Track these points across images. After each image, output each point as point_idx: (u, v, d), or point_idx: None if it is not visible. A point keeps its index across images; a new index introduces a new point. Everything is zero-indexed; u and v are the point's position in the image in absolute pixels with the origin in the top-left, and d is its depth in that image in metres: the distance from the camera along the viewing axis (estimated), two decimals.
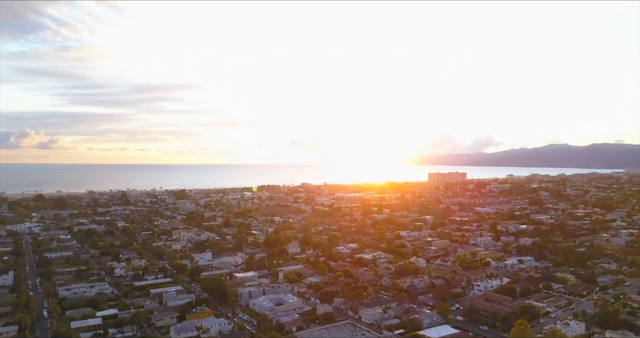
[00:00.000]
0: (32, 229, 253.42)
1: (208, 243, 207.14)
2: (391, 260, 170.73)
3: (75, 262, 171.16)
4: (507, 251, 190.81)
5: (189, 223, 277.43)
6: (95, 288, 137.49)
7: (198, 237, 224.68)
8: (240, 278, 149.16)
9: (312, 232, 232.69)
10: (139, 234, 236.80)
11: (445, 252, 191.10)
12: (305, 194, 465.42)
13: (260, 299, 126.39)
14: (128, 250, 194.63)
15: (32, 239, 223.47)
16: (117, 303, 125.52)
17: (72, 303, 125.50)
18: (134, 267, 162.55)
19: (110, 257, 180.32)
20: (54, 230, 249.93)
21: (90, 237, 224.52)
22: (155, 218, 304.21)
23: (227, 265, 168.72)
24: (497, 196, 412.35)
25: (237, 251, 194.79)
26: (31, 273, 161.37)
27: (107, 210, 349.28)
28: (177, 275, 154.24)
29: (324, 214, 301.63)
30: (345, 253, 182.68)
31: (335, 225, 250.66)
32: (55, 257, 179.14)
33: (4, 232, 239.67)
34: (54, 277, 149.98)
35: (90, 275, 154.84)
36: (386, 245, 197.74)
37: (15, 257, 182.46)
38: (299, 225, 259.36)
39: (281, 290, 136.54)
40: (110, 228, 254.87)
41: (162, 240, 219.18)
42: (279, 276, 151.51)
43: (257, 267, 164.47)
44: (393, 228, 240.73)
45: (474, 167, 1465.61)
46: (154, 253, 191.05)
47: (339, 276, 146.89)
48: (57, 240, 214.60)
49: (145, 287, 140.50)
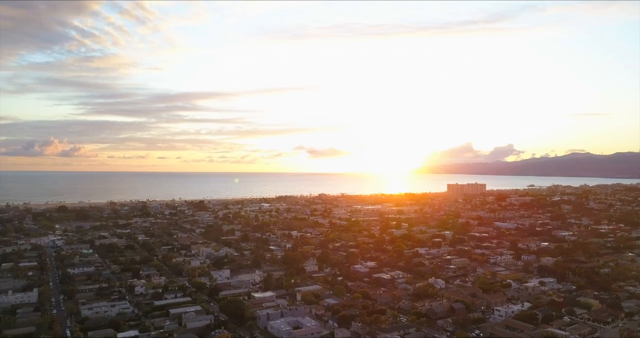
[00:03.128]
0: (56, 242, 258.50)
1: (226, 260, 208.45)
2: (409, 281, 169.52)
3: (97, 279, 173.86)
4: (528, 271, 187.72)
5: (208, 238, 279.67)
6: (117, 308, 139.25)
7: (216, 252, 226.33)
8: (258, 298, 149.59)
9: (330, 248, 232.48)
10: (159, 249, 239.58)
11: (465, 271, 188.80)
12: (322, 206, 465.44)
13: (279, 322, 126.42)
14: (148, 266, 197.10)
15: (56, 253, 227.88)
16: (138, 324, 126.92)
17: (94, 323, 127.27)
18: (154, 285, 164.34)
19: (131, 274, 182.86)
20: (77, 244, 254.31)
21: (112, 251, 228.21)
22: (174, 231, 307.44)
23: (245, 284, 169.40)
24: (517, 209, 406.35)
25: (255, 268, 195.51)
26: (55, 290, 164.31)
27: (127, 222, 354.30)
28: (196, 294, 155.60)
29: (342, 229, 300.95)
30: (363, 273, 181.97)
31: (353, 241, 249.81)
32: (78, 273, 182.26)
33: (29, 246, 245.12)
34: (76, 295, 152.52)
35: (111, 293, 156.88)
36: (404, 263, 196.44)
37: (39, 272, 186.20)
38: (316, 240, 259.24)
39: (299, 312, 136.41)
40: (131, 242, 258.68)
41: (182, 256, 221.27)
42: (297, 297, 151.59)
43: (275, 286, 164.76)
44: (412, 244, 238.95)
45: (494, 177, 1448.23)
46: (173, 270, 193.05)
47: (356, 298, 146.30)
48: (80, 255, 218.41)
49: (165, 306, 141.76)
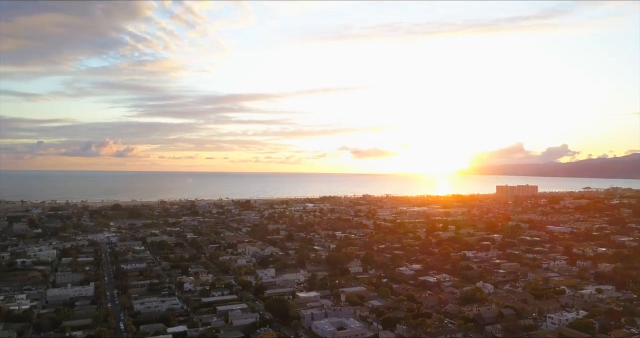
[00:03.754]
0: (110, 239, 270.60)
1: (272, 259, 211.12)
2: (456, 284, 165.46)
3: (148, 275, 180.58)
4: (584, 278, 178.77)
5: (253, 237, 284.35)
6: (167, 303, 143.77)
7: (262, 251, 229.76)
8: (302, 298, 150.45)
9: (375, 249, 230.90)
10: (207, 247, 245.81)
11: (515, 276, 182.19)
12: (366, 207, 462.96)
13: (323, 322, 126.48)
14: (196, 263, 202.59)
15: (110, 249, 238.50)
16: (186, 320, 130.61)
17: (146, 317, 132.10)
18: (202, 282, 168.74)
19: (180, 271, 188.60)
20: (130, 240, 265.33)
21: (162, 249, 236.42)
22: (221, 230, 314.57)
23: (289, 283, 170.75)
24: (572, 213, 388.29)
25: (300, 268, 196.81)
26: (109, 284, 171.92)
27: (177, 220, 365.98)
28: (242, 292, 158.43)
29: (387, 230, 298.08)
30: (408, 275, 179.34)
31: (398, 243, 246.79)
32: (130, 269, 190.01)
33: (86, 242, 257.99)
34: (129, 290, 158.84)
35: (161, 289, 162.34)
36: (451, 266, 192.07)
37: (96, 267, 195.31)
38: (360, 241, 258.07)
39: (343, 313, 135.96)
40: (180, 240, 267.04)
41: (228, 254, 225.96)
42: (341, 297, 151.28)
43: (319, 286, 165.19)
44: (459, 247, 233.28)
45: (546, 178, 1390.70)
46: (220, 268, 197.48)
47: (401, 300, 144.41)
48: (132, 252, 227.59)
49: (212, 303, 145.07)
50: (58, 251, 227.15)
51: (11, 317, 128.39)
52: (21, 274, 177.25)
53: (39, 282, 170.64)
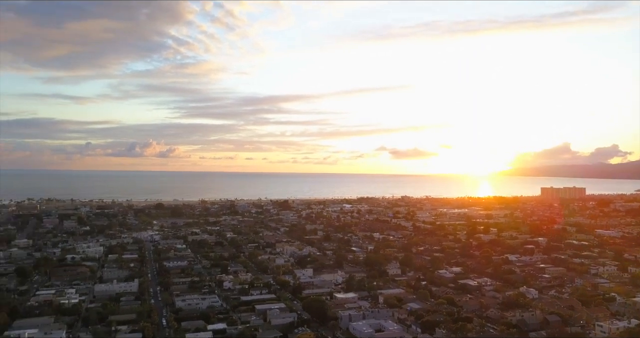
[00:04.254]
0: (154, 237, 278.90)
1: (309, 259, 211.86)
2: (498, 289, 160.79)
3: (190, 273, 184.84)
4: (637, 285, 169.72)
5: (291, 236, 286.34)
6: (207, 301, 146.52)
7: (300, 251, 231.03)
8: (340, 299, 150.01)
9: (413, 251, 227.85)
10: (246, 246, 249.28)
11: (561, 281, 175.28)
12: (405, 208, 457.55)
13: (361, 324, 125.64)
14: (235, 262, 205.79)
15: (154, 247, 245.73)
16: (226, 318, 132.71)
17: (187, 314, 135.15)
18: (241, 281, 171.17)
19: (220, 269, 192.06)
20: (172, 239, 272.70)
21: (202, 247, 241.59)
22: (260, 229, 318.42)
23: (327, 284, 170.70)
24: (623, 216, 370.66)
25: (337, 269, 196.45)
26: (152, 281, 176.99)
27: (217, 219, 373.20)
28: (280, 292, 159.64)
29: (426, 232, 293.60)
30: (447, 278, 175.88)
31: (438, 246, 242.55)
32: (172, 267, 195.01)
33: (131, 240, 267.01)
34: (171, 287, 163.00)
35: (202, 287, 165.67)
36: (492, 270, 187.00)
37: (139, 264, 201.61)
38: (399, 243, 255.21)
39: (381, 315, 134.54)
40: (220, 239, 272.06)
41: (267, 253, 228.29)
42: (379, 299, 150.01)
43: (357, 287, 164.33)
44: (501, 251, 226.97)
45: (595, 180, 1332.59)
46: (259, 267, 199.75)
47: (441, 303, 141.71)
48: (174, 250, 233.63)
49: (251, 302, 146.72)
50: (105, 248, 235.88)
51: (62, 310, 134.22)
52: (71, 270, 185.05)
53: (87, 277, 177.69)
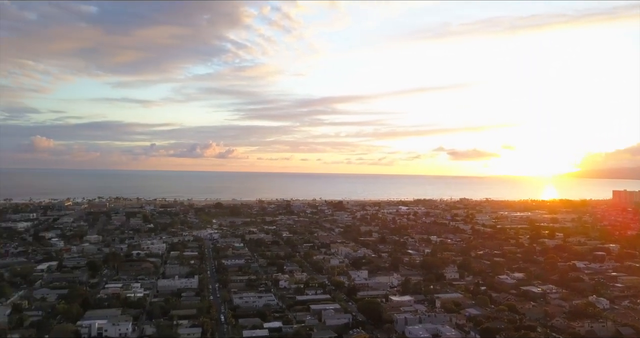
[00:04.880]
0: (213, 235, 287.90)
1: (364, 261, 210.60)
2: (565, 297, 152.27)
3: (247, 271, 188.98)
4: None
5: (346, 237, 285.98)
6: (263, 299, 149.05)
7: (355, 252, 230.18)
8: (396, 302, 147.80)
9: (472, 255, 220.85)
10: (301, 246, 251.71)
11: (636, 291, 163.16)
12: (464, 211, 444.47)
13: (417, 328, 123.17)
14: (291, 262, 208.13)
15: (213, 245, 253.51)
16: (281, 316, 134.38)
17: (244, 311, 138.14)
18: (296, 281, 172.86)
19: (276, 268, 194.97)
20: (230, 237, 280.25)
21: (259, 246, 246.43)
22: (315, 229, 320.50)
23: (382, 286, 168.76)
24: None
25: (393, 271, 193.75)
26: (211, 278, 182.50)
27: (273, 219, 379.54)
28: (335, 292, 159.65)
29: (486, 236, 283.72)
30: (509, 284, 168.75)
31: (499, 250, 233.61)
32: (230, 265, 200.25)
33: (191, 237, 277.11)
34: (229, 284, 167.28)
35: (258, 285, 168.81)
36: (558, 277, 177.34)
37: (199, 261, 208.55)
38: (457, 247, 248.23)
39: (438, 319, 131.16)
40: (276, 238, 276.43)
41: (322, 254, 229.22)
42: (436, 303, 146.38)
43: (413, 291, 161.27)
44: (567, 257, 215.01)
45: None
46: (314, 267, 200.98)
47: (502, 310, 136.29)
48: (232, 248, 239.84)
49: (306, 302, 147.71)
50: (167, 245, 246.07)
51: (128, 303, 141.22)
52: (136, 265, 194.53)
53: (151, 272, 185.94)
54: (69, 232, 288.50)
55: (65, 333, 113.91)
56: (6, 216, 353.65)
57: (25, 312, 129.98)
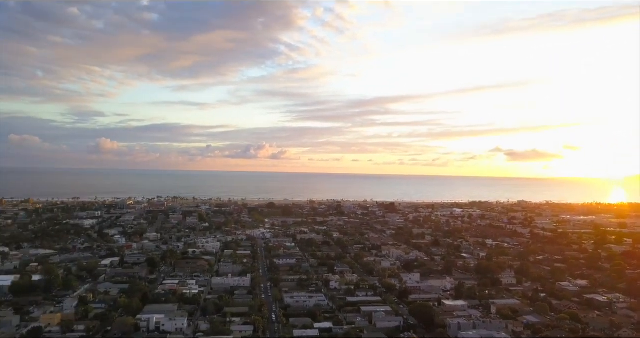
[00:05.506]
0: (265, 235, 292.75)
1: (416, 263, 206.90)
2: (633, 307, 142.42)
3: (298, 271, 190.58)
4: None
5: (398, 240, 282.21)
6: (314, 299, 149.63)
7: (406, 255, 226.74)
8: (448, 306, 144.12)
9: (531, 261, 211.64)
10: (351, 247, 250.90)
11: None
12: (522, 214, 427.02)
13: (471, 333, 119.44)
14: (342, 263, 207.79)
15: (265, 244, 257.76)
16: (332, 317, 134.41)
17: (294, 311, 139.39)
18: (347, 282, 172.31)
19: (326, 269, 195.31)
20: (282, 237, 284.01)
21: (310, 246, 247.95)
22: (365, 231, 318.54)
23: (435, 290, 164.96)
24: None
25: (446, 275, 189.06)
26: (263, 277, 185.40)
27: (324, 220, 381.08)
28: (386, 295, 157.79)
29: (545, 240, 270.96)
30: (571, 291, 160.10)
31: (560, 255, 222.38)
32: (282, 264, 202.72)
33: (244, 237, 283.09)
34: (280, 284, 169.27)
35: (309, 285, 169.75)
36: (626, 285, 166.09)
37: (252, 260, 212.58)
38: (514, 251, 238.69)
39: (493, 326, 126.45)
40: (327, 239, 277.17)
41: (372, 255, 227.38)
42: (491, 309, 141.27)
43: (467, 295, 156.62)
44: (637, 264, 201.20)
45: None
46: (364, 269, 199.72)
47: (563, 319, 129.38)
48: (284, 248, 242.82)
49: (356, 303, 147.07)
50: (221, 244, 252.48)
51: (184, 299, 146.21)
52: (192, 262, 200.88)
53: (206, 270, 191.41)
54: (130, 229, 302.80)
55: (126, 326, 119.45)
56: (74, 214, 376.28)
57: (90, 305, 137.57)
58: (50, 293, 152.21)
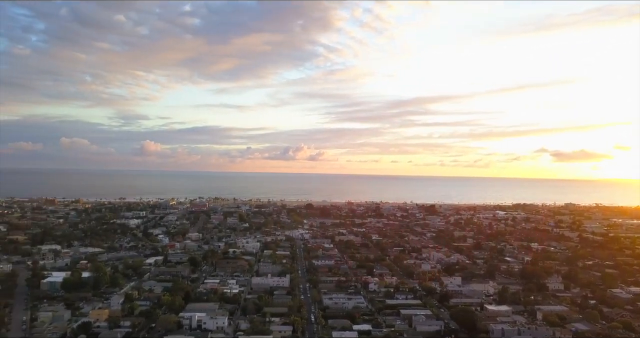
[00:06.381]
0: (304, 236, 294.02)
1: (458, 267, 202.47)
2: None
3: (336, 272, 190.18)
4: None
5: (438, 242, 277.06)
6: (353, 301, 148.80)
7: (447, 258, 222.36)
8: (491, 311, 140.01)
9: (579, 266, 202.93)
10: (391, 249, 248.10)
11: None
12: (569, 217, 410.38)
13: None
14: (381, 265, 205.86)
15: (303, 245, 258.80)
16: (370, 319, 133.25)
17: (333, 312, 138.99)
18: (386, 284, 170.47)
19: (365, 271, 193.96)
20: (320, 238, 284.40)
21: (348, 248, 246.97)
22: (405, 233, 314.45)
23: (477, 294, 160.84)
24: None
25: (488, 279, 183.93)
26: (302, 278, 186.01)
27: (362, 221, 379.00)
28: (426, 298, 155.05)
29: (595, 245, 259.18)
30: (623, 299, 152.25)
31: (611, 261, 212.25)
32: (320, 265, 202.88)
33: (283, 237, 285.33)
34: (319, 285, 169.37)
35: (348, 287, 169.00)
36: None
37: (291, 261, 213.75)
38: (562, 255, 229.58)
39: (539, 333, 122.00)
40: (365, 240, 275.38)
41: (412, 258, 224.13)
42: (537, 315, 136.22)
43: (511, 300, 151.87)
44: None
45: None
46: (404, 271, 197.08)
47: (615, 327, 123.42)
48: (322, 249, 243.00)
49: (396, 306, 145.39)
50: (261, 244, 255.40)
51: (225, 298, 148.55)
52: (232, 262, 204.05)
53: (246, 270, 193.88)
54: (173, 229, 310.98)
55: (169, 323, 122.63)
56: (120, 213, 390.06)
57: (136, 302, 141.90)
58: (98, 290, 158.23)
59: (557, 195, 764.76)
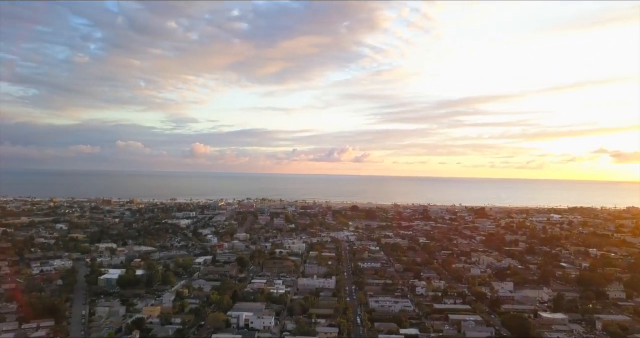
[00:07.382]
0: (349, 237, 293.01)
1: (509, 272, 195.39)
2: None
3: (382, 275, 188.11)
4: None
5: (489, 246, 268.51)
6: (399, 305, 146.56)
7: (498, 262, 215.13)
8: (546, 319, 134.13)
9: None
10: (439, 253, 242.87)
11: None
12: (632, 221, 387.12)
13: None
14: (428, 268, 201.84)
15: (349, 247, 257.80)
16: (418, 323, 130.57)
17: (379, 315, 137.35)
18: (434, 288, 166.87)
19: (412, 274, 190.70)
20: (366, 240, 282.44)
21: (395, 251, 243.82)
22: (454, 236, 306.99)
23: (530, 301, 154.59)
24: None
25: (542, 285, 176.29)
26: (348, 279, 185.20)
27: (409, 224, 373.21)
28: (475, 303, 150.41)
29: None
30: None
31: None
32: (366, 267, 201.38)
33: (329, 239, 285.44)
34: (365, 287, 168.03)
35: (394, 290, 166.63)
36: None
37: (336, 262, 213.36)
38: (623, 262, 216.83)
39: None
40: (412, 243, 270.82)
41: (461, 262, 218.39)
42: (596, 325, 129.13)
43: (567, 308, 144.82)
44: None
45: None
46: (452, 275, 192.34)
47: None
48: (368, 251, 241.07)
49: (444, 310, 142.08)
50: (307, 245, 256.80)
51: (271, 298, 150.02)
52: (279, 263, 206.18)
53: (292, 270, 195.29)
54: (221, 229, 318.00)
55: (218, 321, 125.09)
56: (171, 214, 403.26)
57: (186, 299, 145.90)
58: (151, 287, 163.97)
59: (618, 199, 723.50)
